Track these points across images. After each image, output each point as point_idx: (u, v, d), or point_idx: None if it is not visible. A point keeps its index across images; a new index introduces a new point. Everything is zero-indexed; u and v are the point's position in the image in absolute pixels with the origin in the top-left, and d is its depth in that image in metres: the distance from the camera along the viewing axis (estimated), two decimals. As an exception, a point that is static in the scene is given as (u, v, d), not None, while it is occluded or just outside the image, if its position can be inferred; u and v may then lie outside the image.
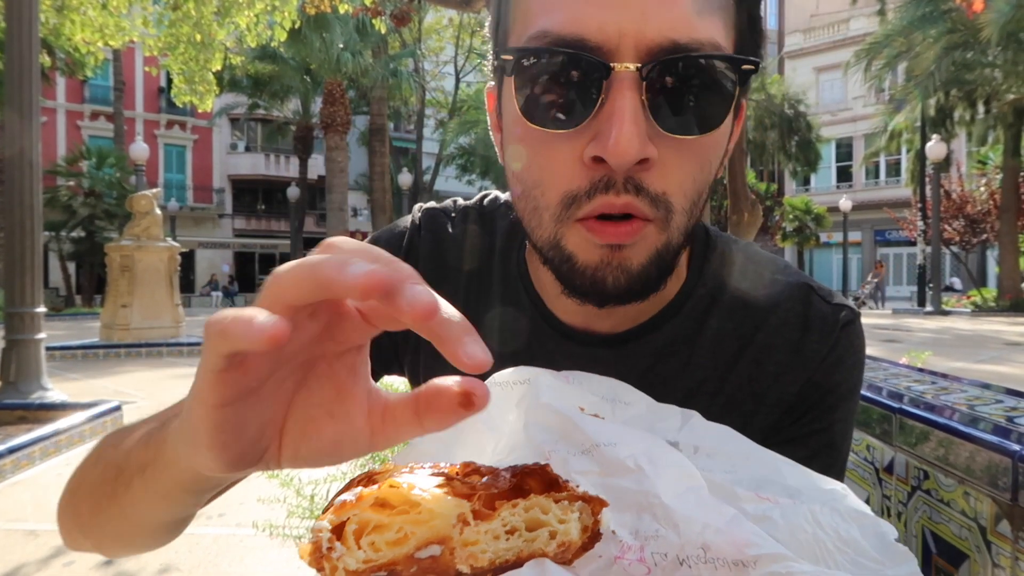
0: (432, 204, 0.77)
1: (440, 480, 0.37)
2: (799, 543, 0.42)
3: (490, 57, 0.61)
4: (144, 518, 0.49)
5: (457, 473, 0.38)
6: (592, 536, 0.39)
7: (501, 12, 0.59)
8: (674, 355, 0.66)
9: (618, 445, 0.46)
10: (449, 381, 0.34)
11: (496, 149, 0.64)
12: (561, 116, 0.52)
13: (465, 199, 0.79)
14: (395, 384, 2.91)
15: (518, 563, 0.37)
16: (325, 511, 0.36)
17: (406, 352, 0.75)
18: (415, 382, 0.76)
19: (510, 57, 0.53)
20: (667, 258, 0.56)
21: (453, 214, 0.75)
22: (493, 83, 0.63)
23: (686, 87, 0.50)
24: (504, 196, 0.76)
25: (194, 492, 0.44)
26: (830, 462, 0.64)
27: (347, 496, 0.36)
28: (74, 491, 0.56)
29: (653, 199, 0.52)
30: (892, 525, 0.46)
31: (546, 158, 0.54)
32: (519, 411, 0.51)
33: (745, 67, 0.52)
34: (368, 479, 0.37)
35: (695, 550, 0.40)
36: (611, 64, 0.49)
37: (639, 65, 0.49)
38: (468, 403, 0.34)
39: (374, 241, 0.75)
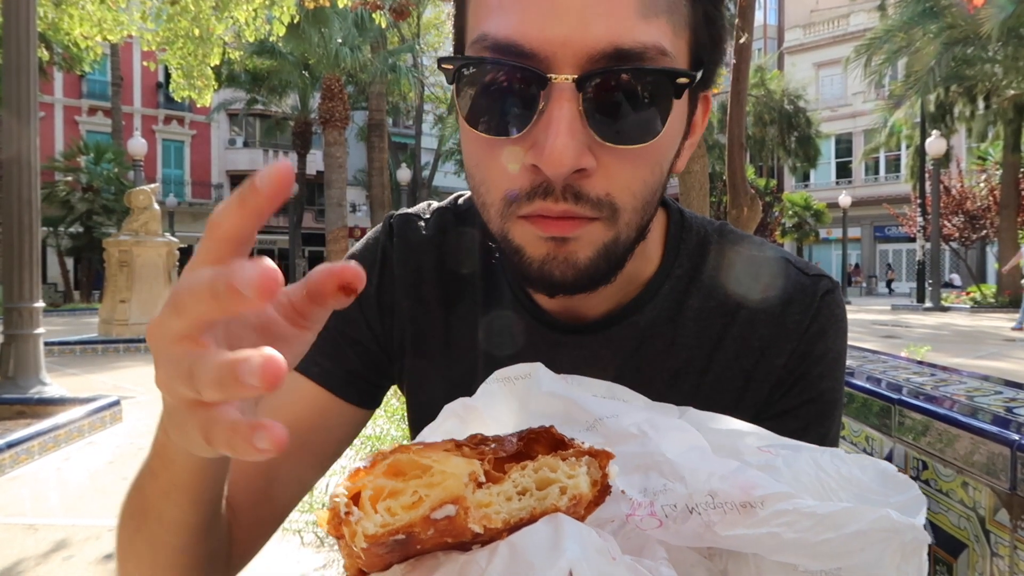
0: (403, 210, 0.77)
1: (449, 447, 0.38)
2: (802, 485, 0.42)
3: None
4: (178, 534, 0.51)
5: (465, 442, 0.39)
6: (602, 490, 0.39)
7: (460, 9, 0.59)
8: (658, 336, 0.66)
9: (620, 416, 0.47)
10: (330, 268, 0.35)
11: None
12: (502, 125, 0.52)
13: (438, 199, 0.79)
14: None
15: (532, 521, 0.38)
16: (340, 484, 0.37)
17: (395, 360, 0.74)
18: (402, 390, 0.76)
19: (450, 67, 0.53)
20: (616, 252, 0.56)
21: (426, 216, 0.76)
22: None
23: (624, 97, 0.50)
24: None
25: (209, 481, 0.48)
26: (824, 431, 0.65)
27: (360, 464, 0.37)
28: (122, 558, 0.56)
29: (595, 202, 0.53)
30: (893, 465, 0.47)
31: (489, 160, 0.55)
32: (521, 403, 0.52)
33: (680, 80, 0.51)
34: (379, 454, 0.38)
35: (703, 497, 0.41)
36: (548, 75, 0.49)
37: (575, 76, 0.49)
38: (349, 289, 0.35)
39: (350, 257, 0.75)
